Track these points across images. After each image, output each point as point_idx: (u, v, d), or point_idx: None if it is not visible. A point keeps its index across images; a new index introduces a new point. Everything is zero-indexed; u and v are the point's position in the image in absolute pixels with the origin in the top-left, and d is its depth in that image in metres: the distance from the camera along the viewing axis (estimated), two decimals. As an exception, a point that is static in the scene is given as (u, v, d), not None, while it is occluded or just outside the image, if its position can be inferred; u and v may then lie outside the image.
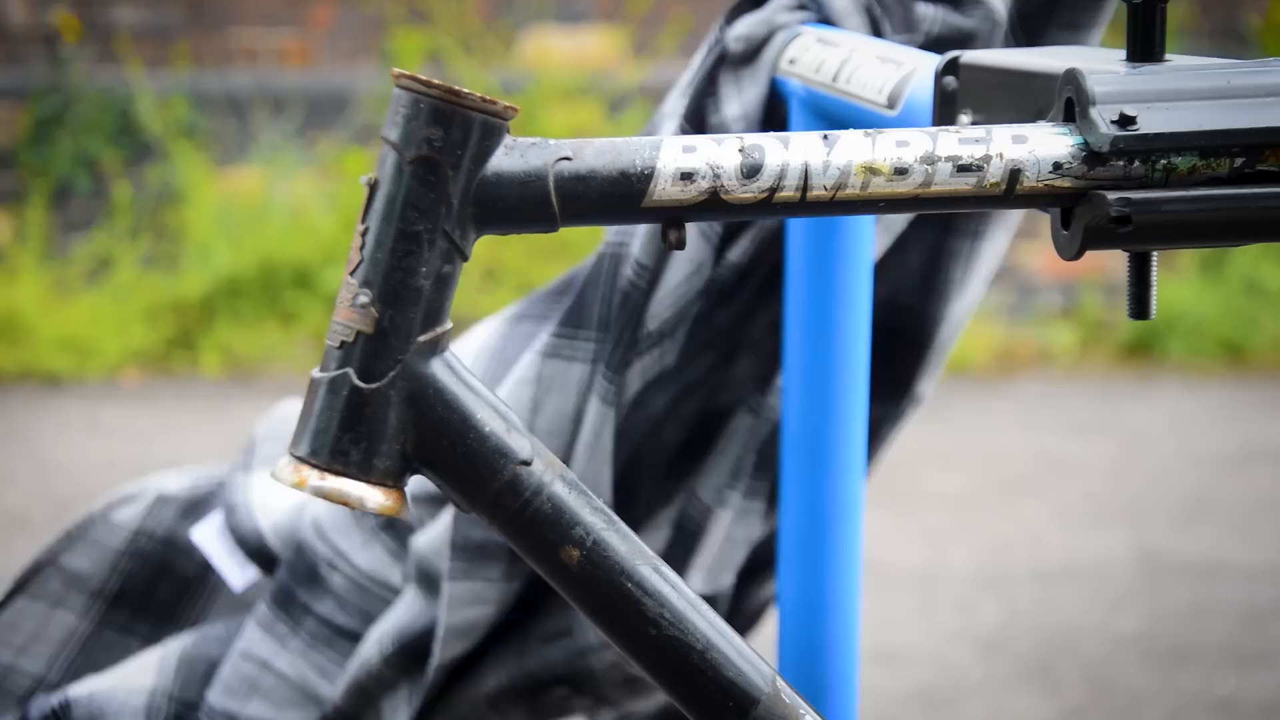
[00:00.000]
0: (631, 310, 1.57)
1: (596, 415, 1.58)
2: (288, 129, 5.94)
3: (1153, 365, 5.58)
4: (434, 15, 5.98)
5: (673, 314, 1.57)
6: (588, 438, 1.58)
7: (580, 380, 1.59)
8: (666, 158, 1.01)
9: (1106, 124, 1.01)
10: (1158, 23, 1.06)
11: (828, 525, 1.55)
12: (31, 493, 4.41)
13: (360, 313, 1.00)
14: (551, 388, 1.59)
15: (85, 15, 6.03)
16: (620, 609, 1.03)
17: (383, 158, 1.01)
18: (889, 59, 1.35)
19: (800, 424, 1.54)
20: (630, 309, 1.57)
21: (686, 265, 1.56)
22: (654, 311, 1.57)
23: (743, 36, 1.54)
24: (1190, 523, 4.23)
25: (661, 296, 1.57)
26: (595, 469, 1.58)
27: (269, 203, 5.79)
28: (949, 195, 1.02)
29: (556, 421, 1.59)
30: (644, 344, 1.58)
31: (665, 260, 1.57)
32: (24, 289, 5.52)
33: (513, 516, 1.02)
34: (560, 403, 1.59)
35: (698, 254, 1.56)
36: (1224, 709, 3.28)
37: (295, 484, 1.01)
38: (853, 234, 1.51)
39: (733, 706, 1.04)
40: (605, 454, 1.58)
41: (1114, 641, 3.56)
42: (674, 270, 1.56)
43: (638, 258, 1.56)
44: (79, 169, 5.89)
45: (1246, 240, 1.04)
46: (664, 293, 1.57)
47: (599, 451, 1.58)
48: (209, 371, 5.43)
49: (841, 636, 1.56)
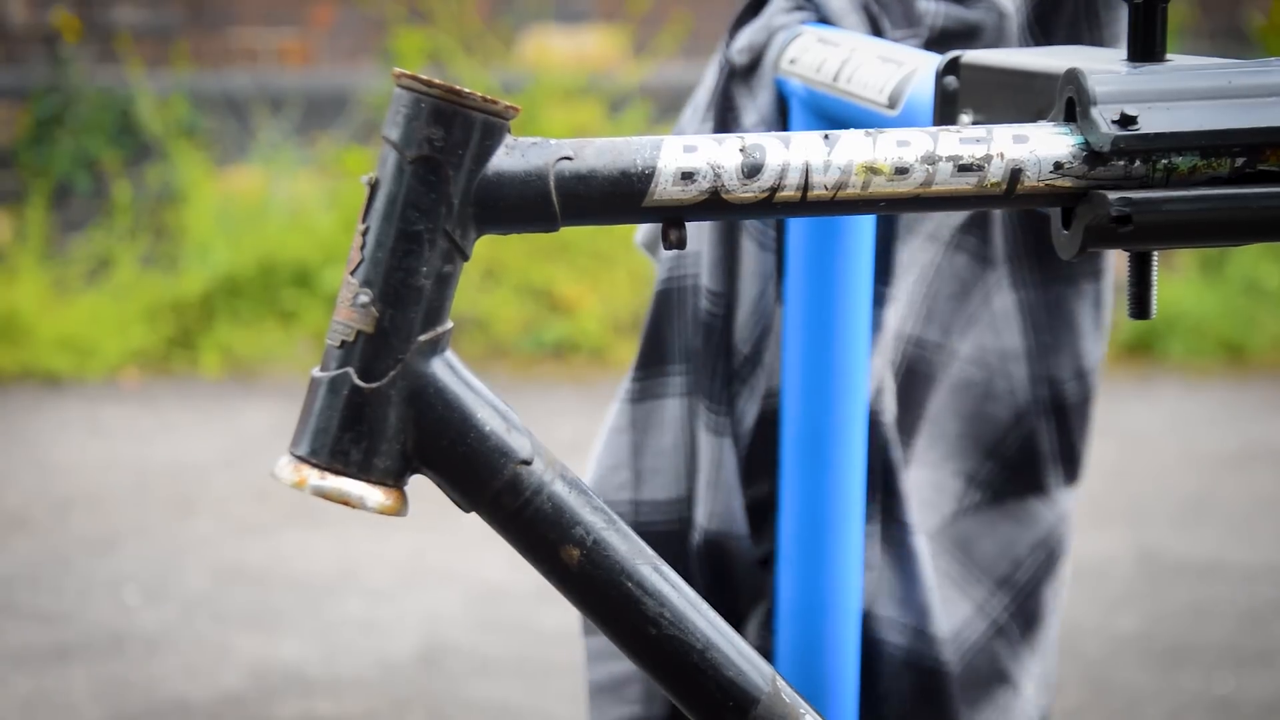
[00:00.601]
0: (717, 340, 1.56)
1: (710, 449, 1.57)
2: (288, 129, 5.94)
3: (1153, 365, 5.58)
4: (434, 15, 5.98)
5: (760, 332, 1.56)
6: (708, 473, 1.57)
7: (676, 415, 1.58)
8: (667, 157, 1.01)
9: (1107, 124, 1.01)
10: (1159, 22, 1.06)
11: (828, 525, 1.55)
12: (31, 493, 4.41)
13: (361, 312, 1.00)
14: (648, 429, 1.59)
15: (85, 15, 6.03)
16: (620, 608, 1.03)
17: (383, 157, 1.01)
18: (889, 59, 1.35)
19: (800, 424, 1.54)
20: (715, 339, 1.56)
21: (757, 281, 1.56)
22: (741, 336, 1.57)
23: (745, 48, 1.54)
24: (1190, 523, 4.23)
25: (743, 321, 1.56)
26: (725, 502, 1.57)
27: (269, 202, 5.79)
28: (949, 195, 1.02)
29: (660, 459, 1.59)
30: (744, 371, 1.57)
31: (735, 284, 1.56)
32: (24, 289, 5.52)
33: (513, 516, 1.02)
34: (659, 440, 1.59)
35: (761, 265, 1.55)
36: (1224, 709, 3.28)
37: (295, 483, 1.01)
38: (853, 234, 1.51)
39: (733, 706, 1.04)
40: (731, 486, 1.57)
41: (1114, 641, 3.56)
42: (746, 290, 1.56)
43: (709, 287, 1.56)
44: (79, 169, 5.89)
45: (1247, 240, 1.04)
46: (744, 316, 1.56)
47: (723, 484, 1.57)
48: (209, 371, 5.43)
49: (841, 636, 1.56)
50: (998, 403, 1.64)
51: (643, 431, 1.59)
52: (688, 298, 1.57)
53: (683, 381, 1.58)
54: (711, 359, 1.56)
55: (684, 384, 1.58)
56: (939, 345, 1.63)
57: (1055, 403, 1.65)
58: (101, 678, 3.37)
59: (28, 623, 3.63)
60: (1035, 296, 1.64)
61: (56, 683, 3.35)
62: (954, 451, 1.64)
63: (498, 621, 3.65)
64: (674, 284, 1.58)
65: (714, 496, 1.57)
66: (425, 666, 3.44)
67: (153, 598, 3.76)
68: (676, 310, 1.58)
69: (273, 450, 4.59)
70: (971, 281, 1.63)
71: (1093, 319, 1.65)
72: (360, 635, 3.58)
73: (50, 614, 3.67)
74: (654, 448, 1.59)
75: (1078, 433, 1.66)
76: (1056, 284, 1.64)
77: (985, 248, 1.63)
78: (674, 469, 1.58)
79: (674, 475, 1.58)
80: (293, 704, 3.28)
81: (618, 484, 1.61)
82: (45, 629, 3.59)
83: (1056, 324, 1.64)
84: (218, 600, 3.76)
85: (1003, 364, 1.64)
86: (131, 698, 3.29)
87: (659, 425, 1.59)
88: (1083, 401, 1.66)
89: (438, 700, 3.31)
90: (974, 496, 1.65)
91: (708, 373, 1.56)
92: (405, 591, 3.81)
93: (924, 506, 1.63)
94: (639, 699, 1.60)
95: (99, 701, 3.28)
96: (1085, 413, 1.67)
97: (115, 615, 3.67)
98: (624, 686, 1.61)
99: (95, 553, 4.01)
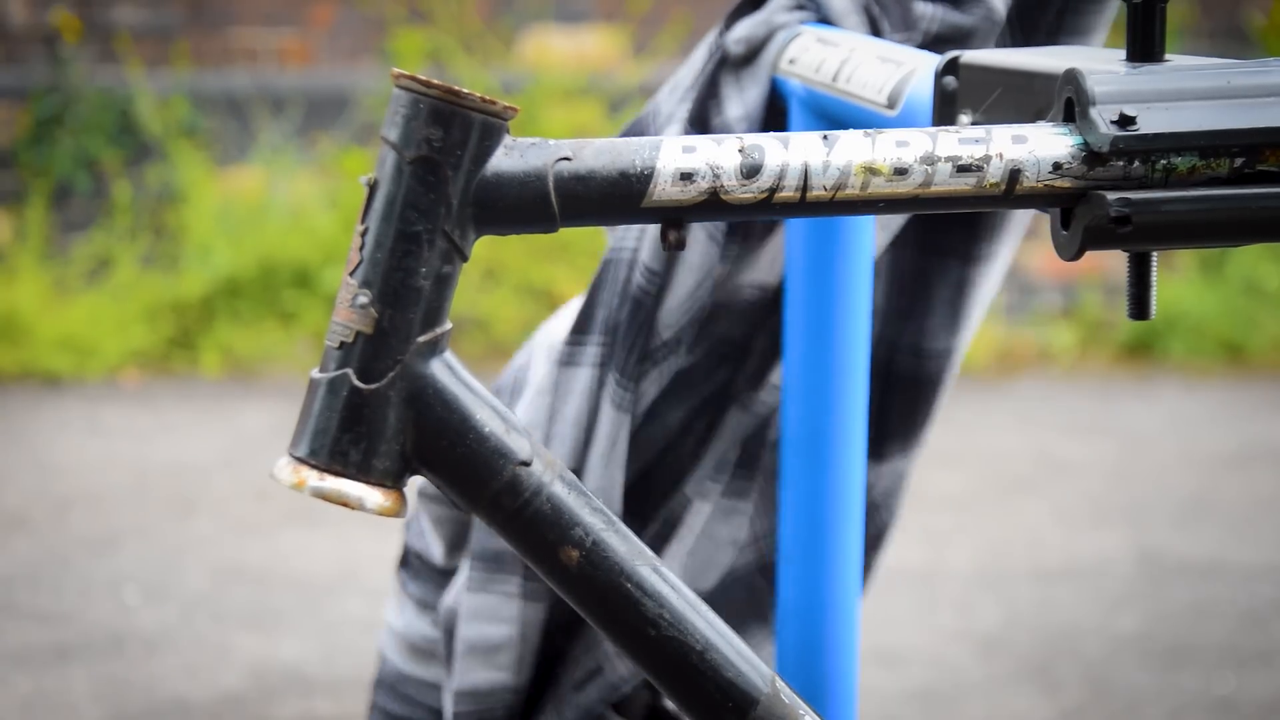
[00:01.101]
0: (644, 317, 1.56)
1: (611, 421, 1.57)
2: (288, 129, 5.94)
3: (1153, 365, 5.58)
4: (434, 15, 5.98)
5: (687, 321, 1.56)
6: (603, 445, 1.57)
7: (587, 384, 1.58)
8: (666, 158, 1.01)
9: (1106, 124, 1.01)
10: (1158, 23, 1.06)
11: (828, 525, 1.55)
12: (31, 493, 4.41)
13: (360, 313, 1.00)
14: (565, 394, 1.59)
15: (85, 15, 6.02)
16: (620, 609, 1.03)
17: (382, 158, 1.00)
18: (889, 59, 1.35)
19: (800, 424, 1.54)
20: (642, 316, 1.56)
21: (696, 271, 1.56)
22: (666, 320, 1.57)
23: (743, 39, 1.54)
24: (1190, 523, 4.23)
25: (673, 305, 1.56)
26: (610, 475, 1.57)
27: (269, 203, 5.79)
28: (949, 195, 1.02)
29: (570, 427, 1.59)
30: (659, 353, 1.58)
31: (674, 267, 1.56)
32: (24, 289, 5.52)
33: (512, 516, 1.02)
34: (572, 408, 1.59)
35: (705, 259, 1.55)
36: (1224, 709, 3.28)
37: (295, 484, 1.01)
38: (853, 234, 1.51)
39: (732, 707, 1.04)
40: (619, 461, 1.58)
41: (1114, 641, 3.56)
42: (683, 277, 1.56)
43: (647, 263, 1.56)
44: (79, 169, 5.89)
45: (1246, 240, 1.04)
46: (675, 301, 1.56)
47: (614, 458, 1.57)
48: (209, 371, 5.43)
49: (841, 637, 1.56)
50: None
51: (561, 398, 1.59)
52: (622, 270, 1.57)
53: (597, 352, 1.58)
54: (633, 335, 1.56)
55: (598, 354, 1.58)
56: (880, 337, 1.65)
57: (886, 368, 1.64)
58: (101, 678, 3.37)
59: (28, 623, 3.63)
60: (908, 258, 1.63)
61: (56, 683, 3.35)
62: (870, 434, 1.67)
63: (498, 621, 3.65)
64: (618, 254, 1.58)
65: (603, 472, 1.57)
66: (425, 667, 3.44)
67: (152, 598, 3.76)
68: (610, 281, 1.58)
69: (272, 450, 4.59)
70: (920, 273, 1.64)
71: (948, 301, 1.63)
72: (360, 635, 3.58)
73: (50, 614, 3.67)
74: (566, 416, 1.59)
75: (906, 406, 1.65)
76: (928, 254, 1.63)
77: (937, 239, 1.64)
78: (573, 439, 1.59)
79: (572, 445, 1.58)
80: (292, 704, 3.28)
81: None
82: (45, 629, 3.59)
83: (914, 292, 1.63)
84: (217, 600, 3.76)
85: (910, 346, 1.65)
86: (131, 698, 3.29)
87: (573, 394, 1.59)
88: (915, 379, 1.64)
89: (438, 700, 3.31)
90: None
91: (625, 347, 1.56)
92: (405, 591, 3.81)
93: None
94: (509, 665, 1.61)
95: (99, 701, 3.28)
96: (920, 392, 1.65)
97: (115, 615, 3.67)
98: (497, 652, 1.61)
99: (95, 553, 4.01)
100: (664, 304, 1.56)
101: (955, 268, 1.63)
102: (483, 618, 1.60)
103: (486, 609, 1.60)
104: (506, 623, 1.61)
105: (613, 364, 1.57)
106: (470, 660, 1.61)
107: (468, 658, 1.61)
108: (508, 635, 1.61)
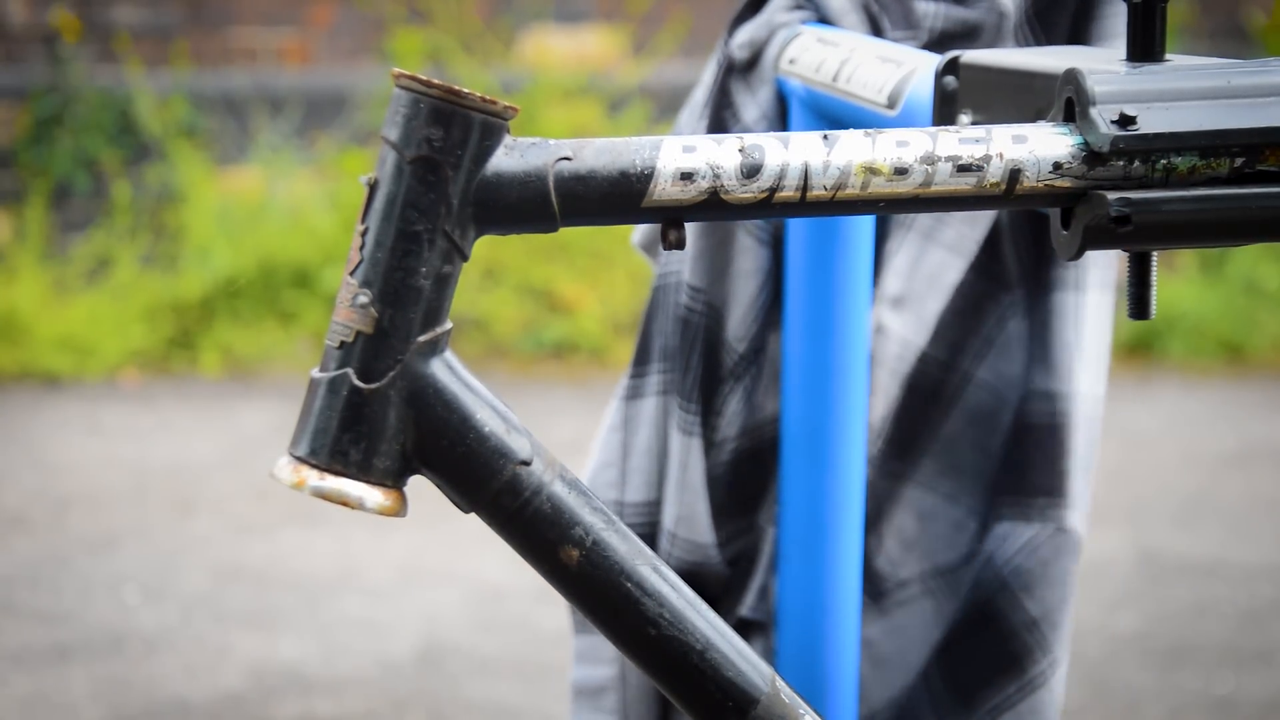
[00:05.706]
0: (693, 335, 1.55)
1: (680, 447, 1.55)
2: (287, 129, 5.94)
3: (1152, 365, 5.58)
4: (434, 15, 5.98)
5: (758, 328, 1.55)
6: (675, 472, 1.55)
7: (653, 413, 1.57)
8: (666, 158, 1.01)
9: (1106, 124, 1.01)
10: (1158, 22, 1.06)
11: (828, 525, 1.55)
12: (31, 493, 4.41)
13: (360, 313, 1.00)
14: (635, 427, 1.58)
15: (85, 15, 6.02)
16: (620, 609, 1.03)
17: (382, 157, 1.00)
18: (889, 59, 1.35)
19: (800, 424, 1.54)
20: (691, 334, 1.55)
21: (753, 277, 1.54)
22: (736, 333, 1.55)
23: (746, 43, 1.54)
24: (1190, 523, 4.23)
25: (738, 317, 1.55)
26: (689, 503, 1.55)
27: (268, 203, 5.79)
28: (949, 195, 1.02)
29: (643, 458, 1.58)
30: (739, 368, 1.55)
31: (725, 281, 1.54)
32: (24, 289, 5.52)
33: (512, 516, 1.02)
34: (642, 438, 1.58)
35: (758, 261, 1.54)
36: (1223, 709, 3.28)
37: (295, 484, 1.01)
38: (853, 234, 1.51)
39: (732, 706, 1.04)
40: (696, 488, 1.55)
41: (1113, 641, 3.56)
42: (740, 287, 1.55)
43: (690, 282, 1.55)
44: (79, 169, 5.89)
45: (1246, 240, 1.04)
46: (740, 312, 1.55)
47: (689, 485, 1.55)
48: (208, 371, 5.43)
49: (841, 637, 1.56)
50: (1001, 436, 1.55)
51: (631, 431, 1.58)
52: (670, 295, 1.57)
53: (659, 380, 1.57)
54: (685, 356, 1.55)
55: (660, 382, 1.57)
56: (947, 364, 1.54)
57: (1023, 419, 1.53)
58: (101, 678, 3.37)
59: (27, 623, 3.63)
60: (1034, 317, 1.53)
61: (56, 683, 3.35)
62: (970, 488, 1.54)
63: (497, 621, 3.65)
64: (662, 281, 1.58)
65: (680, 499, 1.55)
66: (424, 666, 3.44)
67: (152, 597, 3.76)
68: (661, 308, 1.57)
69: (272, 450, 4.59)
70: (986, 302, 1.55)
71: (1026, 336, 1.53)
72: (360, 635, 3.58)
73: (50, 614, 3.67)
74: (637, 447, 1.58)
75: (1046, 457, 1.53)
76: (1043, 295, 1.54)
77: (999, 267, 1.54)
78: (648, 469, 1.57)
79: (647, 476, 1.57)
80: (292, 704, 3.28)
81: (607, 482, 1.60)
82: (45, 629, 3.59)
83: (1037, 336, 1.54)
84: (217, 600, 3.76)
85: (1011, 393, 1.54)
86: (131, 698, 3.29)
87: (641, 425, 1.58)
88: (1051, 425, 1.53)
89: (437, 700, 3.31)
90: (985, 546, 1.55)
91: (681, 370, 1.55)
92: (404, 591, 3.81)
93: (939, 541, 1.57)
94: (615, 709, 1.59)
95: (99, 701, 3.28)
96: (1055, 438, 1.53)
97: (115, 615, 3.67)
98: (602, 695, 1.60)
99: (95, 553, 4.01)
100: (728, 319, 1.55)
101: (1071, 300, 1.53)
102: (587, 659, 1.60)
103: (590, 650, 1.60)
104: (606, 663, 1.59)
105: (673, 390, 1.56)
106: (579, 704, 1.61)
107: (577, 700, 1.60)
108: (608, 676, 1.59)
